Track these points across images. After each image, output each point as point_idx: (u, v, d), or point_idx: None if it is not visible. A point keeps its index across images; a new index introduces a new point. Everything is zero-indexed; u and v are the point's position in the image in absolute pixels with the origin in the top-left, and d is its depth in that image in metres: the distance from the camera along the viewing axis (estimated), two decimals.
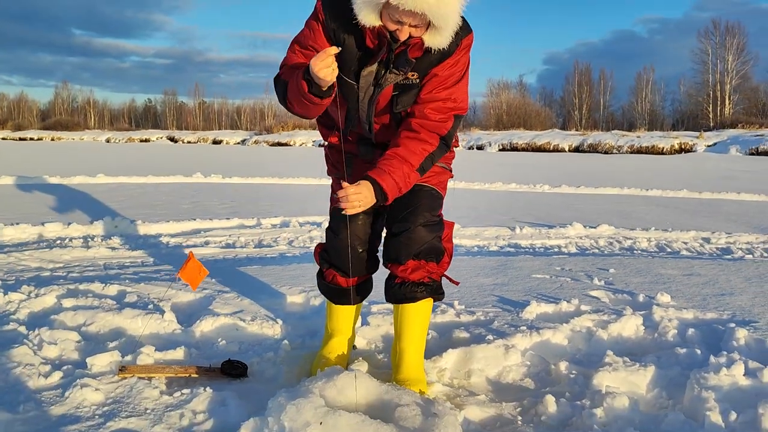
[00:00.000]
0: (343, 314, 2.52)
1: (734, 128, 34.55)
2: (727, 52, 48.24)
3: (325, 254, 2.46)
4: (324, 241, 2.49)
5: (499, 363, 2.53)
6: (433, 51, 2.10)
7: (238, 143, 43.92)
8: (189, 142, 46.06)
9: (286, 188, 10.87)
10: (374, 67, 2.14)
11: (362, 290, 2.50)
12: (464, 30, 2.14)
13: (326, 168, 2.57)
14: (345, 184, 2.07)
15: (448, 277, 2.43)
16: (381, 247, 2.42)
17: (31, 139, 50.41)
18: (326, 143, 2.52)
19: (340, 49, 1.97)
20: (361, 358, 2.55)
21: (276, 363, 2.55)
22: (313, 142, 39.93)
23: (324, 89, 1.99)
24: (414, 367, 2.33)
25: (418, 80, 2.17)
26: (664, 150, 30.55)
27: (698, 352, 2.55)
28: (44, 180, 10.92)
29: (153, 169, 14.56)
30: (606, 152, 31.89)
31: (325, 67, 1.92)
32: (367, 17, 2.01)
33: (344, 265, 2.38)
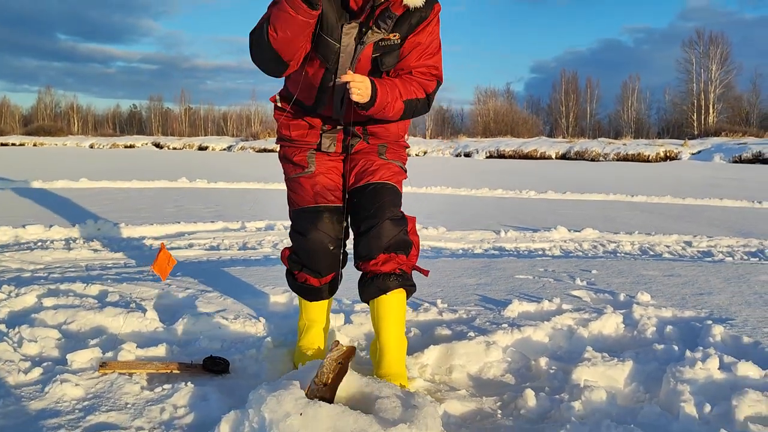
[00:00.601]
0: (318, 307, 2.60)
1: (718, 136, 34.92)
2: (710, 62, 48.85)
3: (295, 257, 2.48)
4: (288, 245, 2.54)
5: (480, 359, 2.55)
6: (411, 9, 2.20)
7: (224, 149, 43.73)
8: (175, 149, 45.81)
9: (272, 193, 10.85)
10: (356, 25, 2.20)
11: (333, 285, 2.55)
12: (429, 2, 2.26)
13: (284, 169, 2.55)
14: (349, 71, 2.14)
15: (417, 268, 2.47)
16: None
17: (13, 144, 49.84)
18: (284, 137, 2.52)
19: None
20: None
21: (258, 360, 2.56)
22: None
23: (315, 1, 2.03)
24: (395, 362, 2.33)
25: (399, 41, 2.25)
26: (650, 158, 30.81)
27: (675, 348, 2.58)
28: (26, 184, 10.83)
29: (137, 174, 14.48)
30: (593, 159, 32.12)
31: None
32: None
33: (316, 265, 2.41)
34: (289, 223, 6.75)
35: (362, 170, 2.43)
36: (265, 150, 40.30)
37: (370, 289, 2.33)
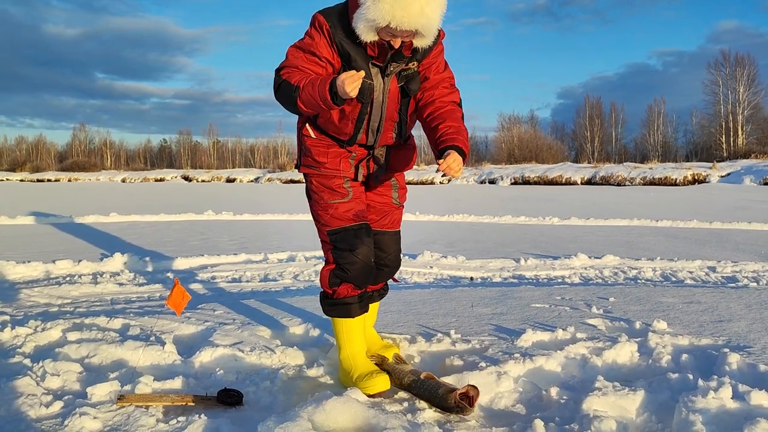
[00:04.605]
0: (359, 326, 2.76)
1: (748, 158, 34.37)
2: (737, 83, 48.33)
3: (340, 273, 2.66)
4: (326, 267, 2.72)
5: (492, 389, 2.55)
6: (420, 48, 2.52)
7: (252, 181, 44.36)
8: (203, 181, 46.61)
9: (296, 224, 10.98)
10: (377, 68, 2.52)
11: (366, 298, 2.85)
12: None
13: (319, 196, 2.72)
14: (443, 161, 2.41)
15: (392, 278, 3.02)
16: None
17: (49, 180, 51.25)
18: (316, 165, 2.71)
19: (364, 74, 2.33)
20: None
21: (272, 392, 2.60)
22: None
23: (344, 101, 2.38)
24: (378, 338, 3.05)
25: (416, 67, 2.60)
26: (677, 181, 30.39)
27: (690, 377, 2.55)
28: (57, 219, 11.13)
29: (165, 207, 14.77)
30: (618, 184, 31.79)
31: (355, 88, 2.28)
32: (367, 36, 2.39)
33: (363, 277, 2.66)
34: (309, 253, 6.77)
35: (383, 215, 2.86)
36: (291, 181, 40.77)
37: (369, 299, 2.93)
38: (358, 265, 2.63)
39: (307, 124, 2.72)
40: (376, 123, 2.60)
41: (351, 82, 2.26)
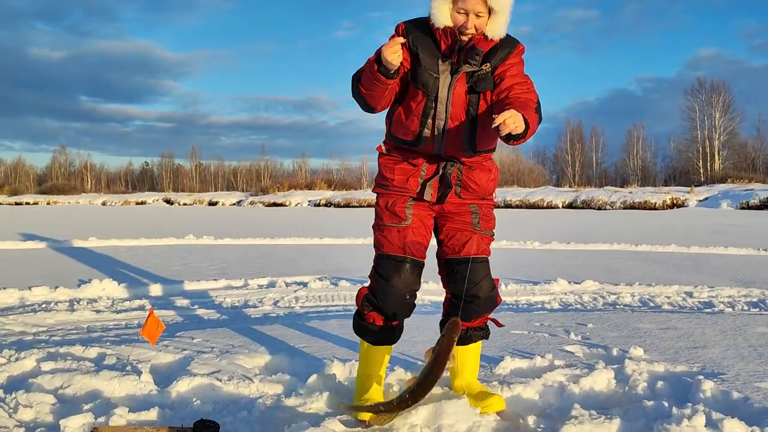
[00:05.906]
0: (378, 355, 2.74)
1: (724, 183, 35.00)
2: (714, 110, 49.42)
3: (371, 298, 2.66)
4: (367, 285, 2.72)
5: (470, 418, 2.55)
6: (498, 42, 2.52)
7: (234, 204, 44.21)
8: (185, 204, 46.35)
9: (277, 249, 10.93)
10: (449, 65, 2.52)
11: (397, 332, 2.77)
12: (515, 41, 2.60)
13: (379, 215, 2.71)
14: (500, 115, 2.24)
15: (493, 320, 2.87)
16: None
17: (27, 203, 50.66)
18: (385, 182, 2.71)
19: (404, 41, 2.42)
20: (335, 418, 2.58)
21: (249, 422, 2.58)
22: (309, 201, 40.31)
23: (390, 72, 2.38)
24: (476, 387, 2.76)
25: (490, 70, 2.54)
26: (656, 205, 30.83)
27: (665, 404, 2.58)
28: (34, 244, 10.98)
29: (146, 231, 14.65)
30: (599, 208, 32.18)
31: (393, 52, 2.32)
32: (440, 15, 2.45)
33: (390, 309, 2.63)
34: (290, 279, 6.72)
35: (462, 242, 2.68)
36: (274, 204, 40.69)
37: (462, 339, 2.74)
38: (389, 298, 2.61)
39: (382, 143, 2.78)
40: (442, 121, 2.54)
41: (389, 46, 2.33)
